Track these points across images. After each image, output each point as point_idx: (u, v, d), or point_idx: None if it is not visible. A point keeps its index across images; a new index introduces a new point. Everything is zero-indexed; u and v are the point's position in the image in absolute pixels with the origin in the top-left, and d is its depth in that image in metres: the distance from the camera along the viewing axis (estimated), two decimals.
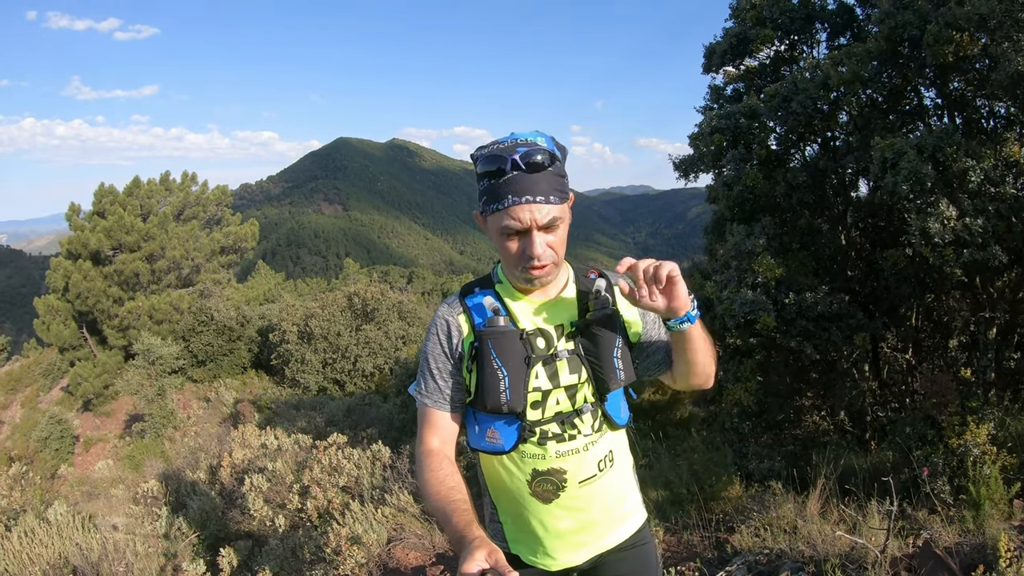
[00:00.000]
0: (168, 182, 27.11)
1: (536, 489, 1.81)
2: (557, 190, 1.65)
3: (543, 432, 1.77)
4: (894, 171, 5.49)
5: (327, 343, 20.53)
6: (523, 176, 1.61)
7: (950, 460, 5.73)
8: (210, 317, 22.74)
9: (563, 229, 1.70)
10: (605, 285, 1.87)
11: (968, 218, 5.33)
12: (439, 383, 1.80)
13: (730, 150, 7.68)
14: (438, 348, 1.80)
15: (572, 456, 1.79)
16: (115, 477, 14.07)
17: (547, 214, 1.62)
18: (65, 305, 24.34)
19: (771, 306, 6.44)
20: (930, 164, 5.38)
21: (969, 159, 5.47)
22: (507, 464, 1.83)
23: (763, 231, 6.99)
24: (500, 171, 1.63)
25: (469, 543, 1.37)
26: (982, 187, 5.51)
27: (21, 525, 5.77)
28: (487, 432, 1.81)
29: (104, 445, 21.45)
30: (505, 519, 1.92)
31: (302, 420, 14.35)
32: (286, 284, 39.29)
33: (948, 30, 5.58)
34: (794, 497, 5.38)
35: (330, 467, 6.89)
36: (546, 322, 1.79)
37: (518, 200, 1.61)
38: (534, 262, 1.65)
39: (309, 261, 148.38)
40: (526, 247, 1.65)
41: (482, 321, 1.77)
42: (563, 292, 1.84)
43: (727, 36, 8.52)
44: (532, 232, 1.63)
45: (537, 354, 1.75)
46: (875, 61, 6.40)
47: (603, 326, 1.78)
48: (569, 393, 1.79)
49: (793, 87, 6.74)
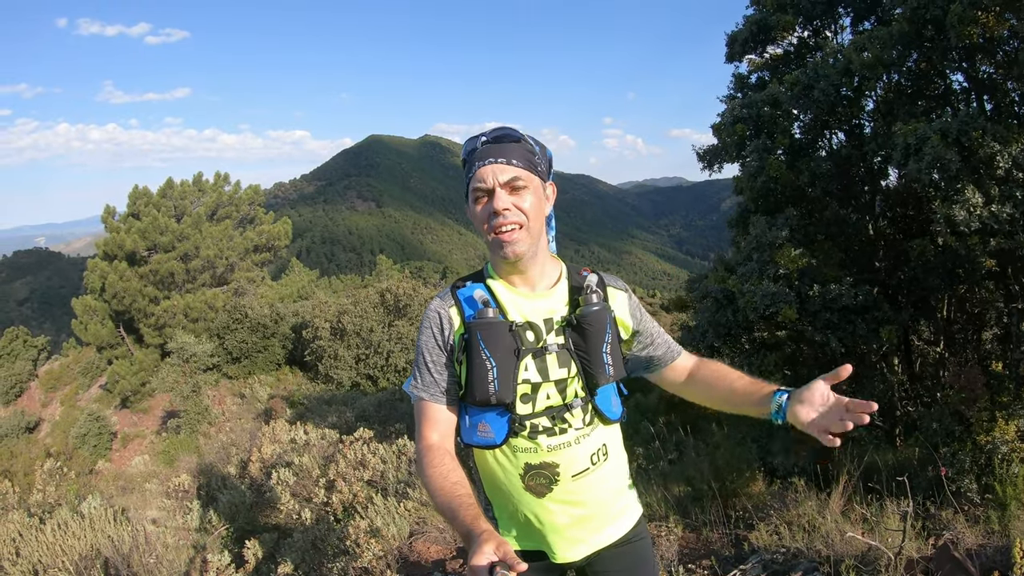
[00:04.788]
0: (201, 183, 27.51)
1: (529, 483, 1.81)
2: (524, 159, 1.73)
3: (533, 426, 1.78)
4: (917, 157, 5.36)
5: (360, 339, 20.71)
6: (490, 145, 1.74)
7: (978, 457, 5.60)
8: (244, 315, 23.02)
9: (532, 197, 1.74)
10: (597, 280, 1.88)
11: (995, 205, 5.17)
12: (434, 376, 1.80)
13: (753, 140, 7.56)
14: (432, 341, 1.81)
15: (564, 449, 1.79)
16: (149, 472, 14.35)
17: (509, 172, 1.70)
18: (102, 305, 24.82)
19: (793, 298, 6.32)
20: (955, 149, 5.23)
21: (996, 144, 5.30)
22: (500, 458, 1.83)
23: (787, 222, 6.87)
24: (473, 147, 1.76)
25: (477, 536, 1.38)
26: (1011, 173, 5.34)
27: (55, 518, 5.88)
28: (478, 426, 1.81)
29: (141, 441, 21.87)
30: (500, 514, 1.92)
31: (333, 415, 14.48)
32: (320, 281, 39.62)
33: (973, 10, 5.41)
34: (816, 494, 5.26)
35: (356, 461, 6.95)
36: (536, 315, 1.80)
37: (482, 163, 1.71)
38: (498, 219, 1.69)
39: (344, 258, 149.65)
40: (490, 204, 1.70)
41: (472, 313, 1.77)
42: (555, 287, 1.85)
43: (748, 23, 8.40)
44: (496, 190, 1.69)
45: (526, 346, 1.76)
46: (899, 45, 6.24)
47: (593, 322, 1.79)
48: (559, 387, 1.79)
49: (815, 74, 6.62)
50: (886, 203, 7.96)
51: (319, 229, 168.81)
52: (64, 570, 5.00)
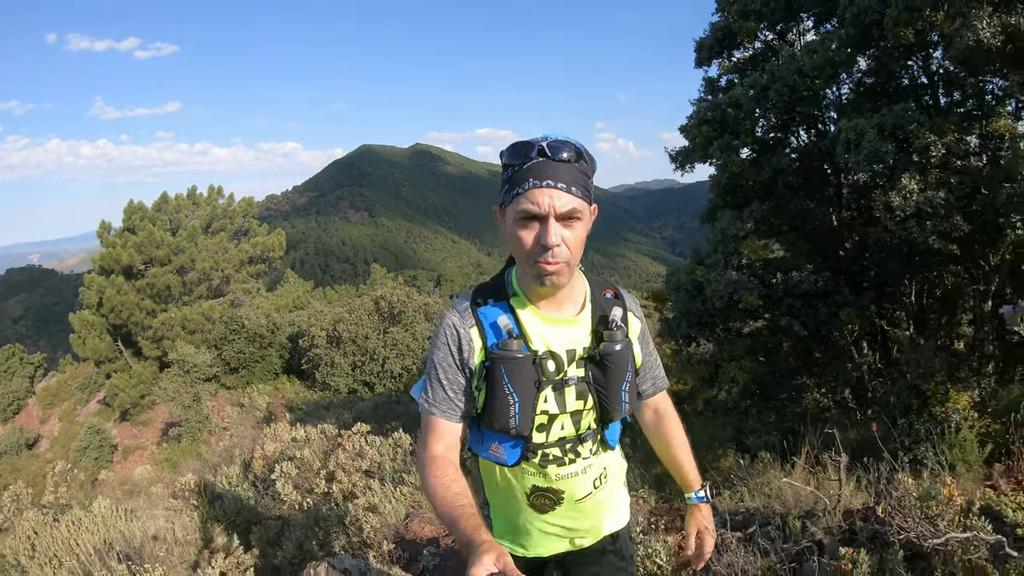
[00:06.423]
0: (195, 196, 27.82)
1: (534, 502, 1.85)
2: (581, 185, 1.59)
3: (544, 455, 1.78)
4: (856, 151, 5.78)
5: (355, 346, 21.09)
6: (547, 162, 1.57)
7: (934, 427, 5.95)
8: (241, 325, 23.27)
9: (582, 229, 1.62)
10: (621, 315, 1.83)
11: (930, 191, 5.59)
12: (448, 394, 1.74)
13: (717, 140, 7.97)
14: (448, 359, 1.74)
15: (571, 479, 1.83)
16: (154, 478, 14.57)
17: (567, 203, 1.55)
18: (100, 319, 25.02)
19: (756, 285, 6.74)
20: (891, 142, 5.65)
21: (932, 135, 5.73)
22: (508, 474, 1.85)
23: (751, 215, 7.29)
24: (524, 158, 1.59)
25: (478, 547, 1.38)
26: (948, 161, 5.76)
27: (68, 516, 6.18)
28: (491, 446, 1.81)
29: (142, 452, 22.02)
30: (495, 515, 1.96)
31: (331, 418, 14.77)
32: (315, 292, 39.82)
33: (907, 13, 5.84)
34: (780, 466, 5.66)
35: (354, 453, 7.27)
36: (559, 345, 1.73)
37: (538, 183, 1.55)
38: (548, 255, 1.56)
39: (338, 269, 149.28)
40: (541, 236, 1.56)
41: (496, 342, 1.70)
42: (580, 313, 1.78)
43: (714, 30, 8.81)
44: (549, 219, 1.55)
45: (547, 378, 1.71)
46: (848, 47, 6.67)
47: (616, 360, 1.75)
48: (574, 419, 1.78)
49: (771, 76, 7.04)
50: (852, 195, 8.35)
51: (313, 240, 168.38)
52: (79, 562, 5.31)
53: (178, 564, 5.55)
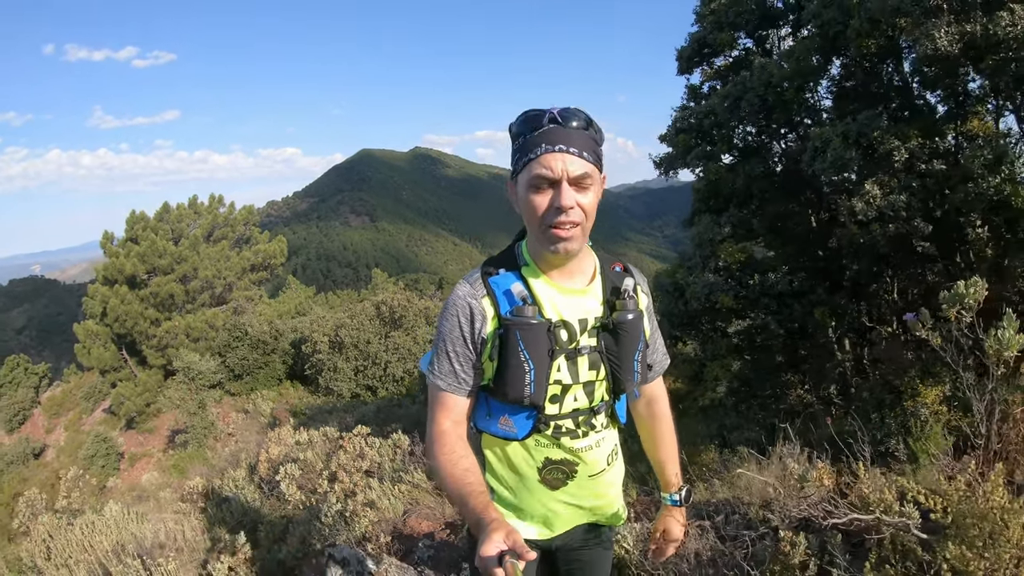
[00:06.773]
0: (196, 205, 28.19)
1: (546, 476, 1.81)
2: (592, 151, 1.61)
3: (557, 427, 1.76)
4: (822, 158, 6.06)
5: (358, 351, 21.35)
6: (558, 128, 1.58)
7: (904, 421, 6.21)
8: (244, 332, 23.54)
9: (594, 196, 1.64)
10: (632, 285, 1.84)
11: (892, 195, 5.86)
12: (455, 367, 1.73)
13: (695, 147, 8.25)
14: (457, 331, 1.72)
15: (586, 452, 1.80)
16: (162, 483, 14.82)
17: (580, 167, 1.57)
18: (104, 329, 25.24)
19: (731, 286, 7.03)
20: (855, 149, 5.92)
21: (896, 140, 5.99)
22: (517, 449, 1.81)
23: (728, 220, 7.58)
24: (536, 125, 1.60)
25: (487, 525, 1.38)
26: (912, 165, 6.03)
27: (81, 520, 6.45)
28: (500, 419, 1.78)
29: (149, 460, 22.24)
30: (497, 501, 1.89)
31: (334, 422, 15.04)
32: (317, 298, 40.08)
33: (868, 24, 6.10)
34: (757, 461, 5.94)
35: (355, 454, 7.56)
36: (571, 314, 1.72)
37: (551, 148, 1.56)
38: (561, 216, 1.57)
39: (339, 274, 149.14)
40: (555, 199, 1.57)
41: (509, 309, 1.69)
42: (590, 283, 1.78)
43: (692, 41, 9.09)
44: (563, 183, 1.56)
45: (560, 347, 1.69)
46: (817, 55, 6.95)
47: (630, 329, 1.76)
48: (587, 390, 1.77)
49: (743, 87, 7.32)
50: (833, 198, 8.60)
51: (314, 246, 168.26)
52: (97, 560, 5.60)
53: (188, 561, 5.83)
